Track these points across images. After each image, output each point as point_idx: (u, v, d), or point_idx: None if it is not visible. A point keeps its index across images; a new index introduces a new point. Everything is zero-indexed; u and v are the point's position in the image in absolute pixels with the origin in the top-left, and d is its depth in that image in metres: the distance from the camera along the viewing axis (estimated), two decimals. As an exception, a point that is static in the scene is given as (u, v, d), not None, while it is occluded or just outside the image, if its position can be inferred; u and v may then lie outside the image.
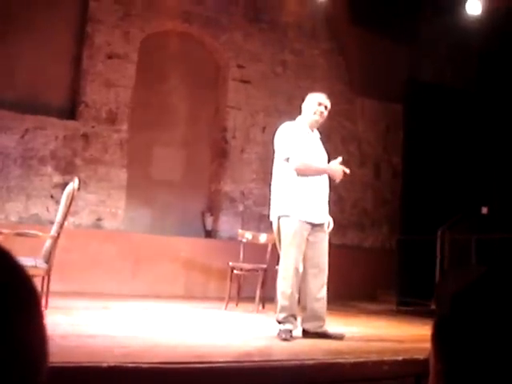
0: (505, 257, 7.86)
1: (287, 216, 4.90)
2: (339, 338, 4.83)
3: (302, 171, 4.93)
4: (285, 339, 4.63)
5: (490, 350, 0.75)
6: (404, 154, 10.29)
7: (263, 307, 6.86)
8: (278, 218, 4.96)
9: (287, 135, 5.02)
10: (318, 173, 4.98)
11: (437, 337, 0.82)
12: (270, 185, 5.23)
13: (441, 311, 0.84)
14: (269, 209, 5.16)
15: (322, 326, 4.93)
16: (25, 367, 0.75)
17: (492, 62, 9.95)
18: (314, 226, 4.94)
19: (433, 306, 7.63)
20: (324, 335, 4.87)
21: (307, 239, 4.92)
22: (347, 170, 5.01)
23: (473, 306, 0.79)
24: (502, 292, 0.79)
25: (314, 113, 5.06)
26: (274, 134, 5.21)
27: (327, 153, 5.28)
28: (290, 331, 4.75)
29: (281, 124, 5.19)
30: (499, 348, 0.75)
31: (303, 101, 5.20)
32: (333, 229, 5.18)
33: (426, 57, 10.25)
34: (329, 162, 5.16)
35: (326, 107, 5.09)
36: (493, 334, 0.76)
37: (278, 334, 4.71)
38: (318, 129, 5.24)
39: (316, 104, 5.06)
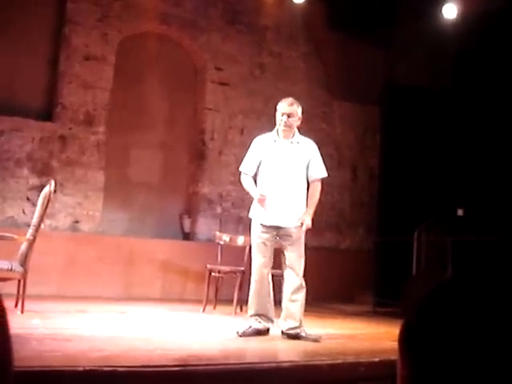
0: (475, 261, 7.95)
1: (252, 219, 5.18)
2: (314, 340, 4.86)
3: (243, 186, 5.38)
4: (238, 334, 4.88)
5: (456, 356, 0.77)
6: (381, 156, 10.38)
7: (241, 310, 6.86)
8: (250, 221, 5.24)
9: (250, 150, 5.30)
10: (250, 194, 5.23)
11: (403, 343, 0.84)
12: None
13: (407, 318, 0.86)
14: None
15: (295, 328, 4.96)
16: None
17: (467, 64, 10.07)
18: (279, 228, 5.05)
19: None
20: (297, 337, 4.90)
21: (280, 243, 5.10)
22: (263, 197, 5.06)
23: (439, 312, 0.81)
24: (467, 299, 0.81)
25: (279, 124, 5.16)
26: (252, 136, 5.34)
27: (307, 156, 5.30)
28: (251, 328, 4.95)
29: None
30: (465, 354, 0.77)
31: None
32: (311, 229, 5.19)
33: (402, 60, 10.33)
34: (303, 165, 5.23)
35: (288, 115, 5.12)
36: (458, 340, 0.78)
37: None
38: (300, 132, 5.26)
39: (280, 115, 5.16)
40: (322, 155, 5.39)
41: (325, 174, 5.33)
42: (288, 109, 5.13)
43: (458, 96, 10.10)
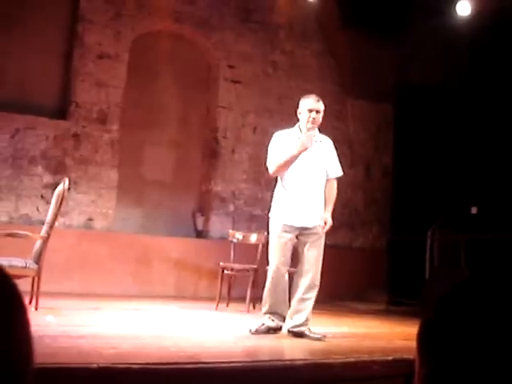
0: (489, 259, 7.91)
1: (273, 218, 5.12)
2: (318, 339, 4.81)
3: (278, 172, 5.14)
4: (251, 331, 4.87)
5: (474, 354, 0.77)
6: (394, 154, 10.34)
7: (254, 307, 6.86)
8: (269, 219, 5.17)
9: (272, 145, 5.19)
10: (293, 158, 5.00)
11: (422, 341, 0.84)
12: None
13: (426, 315, 0.85)
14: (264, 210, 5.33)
15: (300, 326, 4.94)
16: (8, 369, 0.75)
17: (481, 62, 10.00)
18: (301, 229, 5.02)
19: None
20: (301, 335, 4.88)
21: (299, 240, 5.03)
22: (312, 133, 5.02)
23: (457, 310, 0.80)
24: (485, 296, 0.80)
25: (307, 121, 5.06)
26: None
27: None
28: (264, 326, 4.94)
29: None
30: (483, 352, 0.76)
31: (293, 101, 5.24)
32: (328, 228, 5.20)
33: (416, 57, 10.28)
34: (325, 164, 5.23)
35: (317, 111, 5.08)
36: (477, 338, 0.77)
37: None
38: (319, 129, 5.25)
39: (307, 111, 5.07)
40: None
41: (341, 173, 5.34)
42: (316, 105, 5.08)
43: (471, 94, 10.03)
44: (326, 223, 5.09)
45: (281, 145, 5.10)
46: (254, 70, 9.75)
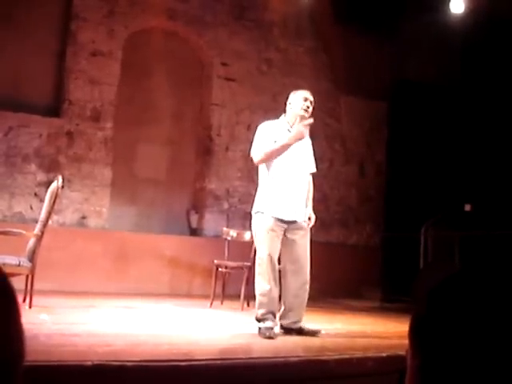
0: (483, 256, 7.95)
1: (261, 212, 4.95)
2: (314, 334, 4.80)
3: (264, 160, 4.98)
4: (269, 337, 4.60)
5: (465, 346, 0.77)
6: (388, 151, 10.36)
7: (248, 305, 6.86)
8: (254, 214, 5.02)
9: (259, 135, 5.08)
10: (285, 147, 4.92)
11: (413, 333, 0.84)
12: (254, 182, 5.30)
13: (417, 308, 0.86)
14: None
15: (297, 323, 4.90)
16: (1, 367, 0.75)
17: (475, 59, 10.03)
18: (289, 223, 4.93)
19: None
20: (299, 331, 4.86)
21: (286, 237, 4.92)
22: (309, 121, 4.96)
23: (448, 303, 0.81)
24: (475, 289, 0.81)
25: (301, 108, 5.02)
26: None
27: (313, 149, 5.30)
28: (271, 328, 4.72)
29: (264, 122, 5.23)
30: (473, 343, 0.77)
31: (288, 98, 5.20)
32: (315, 225, 5.17)
33: (410, 55, 10.30)
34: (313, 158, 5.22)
35: (311, 102, 5.09)
36: (467, 330, 0.78)
37: (260, 332, 4.69)
38: None
39: (302, 100, 5.05)
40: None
41: (315, 170, 5.31)
42: (310, 96, 5.07)
43: (465, 91, 10.07)
44: (310, 218, 5.05)
45: (268, 135, 5.00)
46: (247, 67, 9.75)
